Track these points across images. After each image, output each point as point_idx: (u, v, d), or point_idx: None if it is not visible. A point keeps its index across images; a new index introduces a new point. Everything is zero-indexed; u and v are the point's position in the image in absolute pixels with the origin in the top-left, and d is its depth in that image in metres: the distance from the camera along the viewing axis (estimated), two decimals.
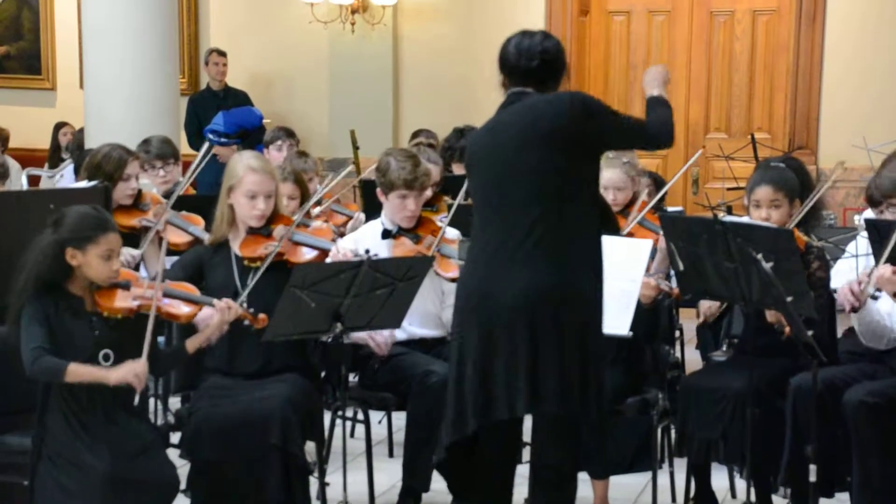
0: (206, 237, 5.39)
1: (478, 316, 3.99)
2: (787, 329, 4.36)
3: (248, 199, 4.67)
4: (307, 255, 4.73)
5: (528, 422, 4.27)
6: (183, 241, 5.52)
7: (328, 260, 4.69)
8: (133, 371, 3.96)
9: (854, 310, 4.21)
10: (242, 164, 4.71)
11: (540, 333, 3.91)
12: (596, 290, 4.02)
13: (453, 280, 4.80)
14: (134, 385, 3.97)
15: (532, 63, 4.02)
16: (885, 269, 4.03)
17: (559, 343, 3.91)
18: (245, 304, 4.42)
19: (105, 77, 7.99)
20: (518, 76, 4.06)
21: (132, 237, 5.35)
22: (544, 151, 3.92)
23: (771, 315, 4.50)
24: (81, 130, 8.82)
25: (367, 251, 4.60)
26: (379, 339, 4.94)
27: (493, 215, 4.02)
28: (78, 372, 3.94)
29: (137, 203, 5.62)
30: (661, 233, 5.09)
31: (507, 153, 3.97)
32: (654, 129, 4.15)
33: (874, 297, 4.12)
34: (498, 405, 3.96)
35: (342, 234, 5.45)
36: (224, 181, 4.74)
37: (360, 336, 4.85)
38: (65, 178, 8.30)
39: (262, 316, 4.36)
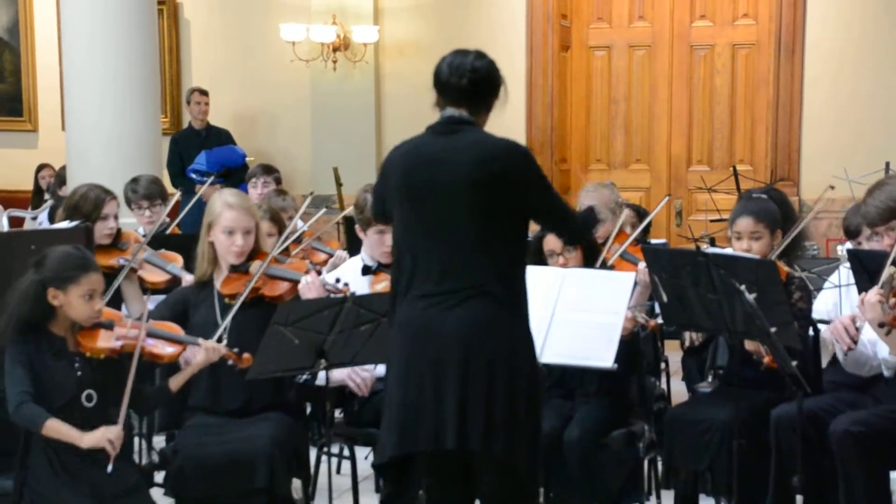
0: (185, 275, 5.39)
1: (416, 347, 3.91)
2: (766, 358, 4.36)
3: (226, 236, 4.68)
4: (281, 287, 4.73)
5: None
6: (161, 279, 5.50)
7: (300, 291, 4.68)
8: (106, 436, 3.95)
9: (849, 348, 4.18)
10: (220, 202, 4.73)
11: (471, 372, 3.85)
12: (527, 332, 3.99)
13: None
14: (108, 450, 3.94)
15: (462, 81, 3.95)
16: (871, 294, 3.95)
17: (489, 384, 3.85)
18: (224, 341, 4.41)
19: (87, 119, 7.99)
20: (450, 94, 3.99)
21: (111, 277, 5.33)
22: (485, 195, 3.86)
23: (749, 344, 4.49)
24: (63, 168, 8.80)
25: (338, 279, 4.62)
26: (358, 379, 4.87)
27: (427, 253, 3.93)
28: (54, 428, 3.94)
29: (116, 242, 5.60)
30: (642, 265, 5.10)
31: (448, 193, 3.89)
32: (580, 222, 4.27)
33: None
34: (427, 436, 3.88)
35: (319, 272, 5.44)
36: (204, 219, 4.75)
37: (339, 378, 4.79)
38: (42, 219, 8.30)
39: (245, 356, 4.34)
